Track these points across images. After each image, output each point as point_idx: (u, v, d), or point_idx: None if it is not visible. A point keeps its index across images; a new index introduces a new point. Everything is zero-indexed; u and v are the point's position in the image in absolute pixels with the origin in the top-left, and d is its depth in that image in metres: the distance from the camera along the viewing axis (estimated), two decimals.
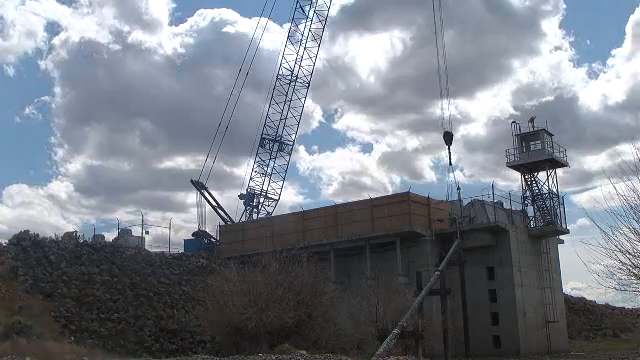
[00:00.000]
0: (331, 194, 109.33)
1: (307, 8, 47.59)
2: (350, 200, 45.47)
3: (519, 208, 38.92)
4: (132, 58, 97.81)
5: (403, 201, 36.50)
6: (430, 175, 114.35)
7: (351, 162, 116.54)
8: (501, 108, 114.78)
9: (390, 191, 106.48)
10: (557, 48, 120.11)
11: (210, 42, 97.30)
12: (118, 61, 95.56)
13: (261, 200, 48.23)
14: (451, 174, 40.07)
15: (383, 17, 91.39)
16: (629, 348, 35.52)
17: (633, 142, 18.03)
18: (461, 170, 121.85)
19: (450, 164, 39.98)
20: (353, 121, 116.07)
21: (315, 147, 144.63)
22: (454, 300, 32.51)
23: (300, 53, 47.64)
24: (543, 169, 38.26)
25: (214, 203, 48.24)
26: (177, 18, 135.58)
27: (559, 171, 39.83)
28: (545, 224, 37.60)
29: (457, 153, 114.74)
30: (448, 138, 40.42)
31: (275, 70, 47.97)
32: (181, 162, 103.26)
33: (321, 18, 47.81)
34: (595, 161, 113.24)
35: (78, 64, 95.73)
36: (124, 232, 42.85)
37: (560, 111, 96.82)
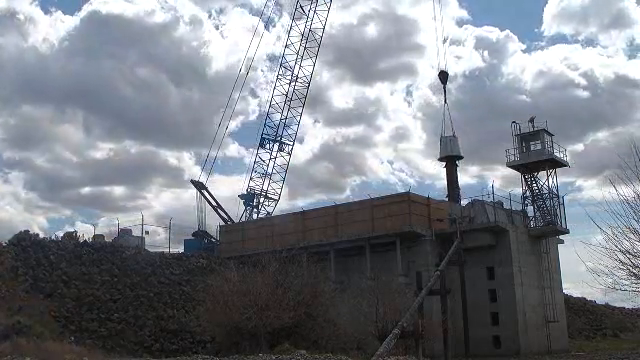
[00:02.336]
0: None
1: (307, 8, 47.66)
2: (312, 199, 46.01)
3: (519, 208, 38.92)
4: (15, 39, 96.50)
5: (403, 201, 36.50)
6: (375, 169, 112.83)
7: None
8: (424, 96, 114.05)
9: (347, 189, 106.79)
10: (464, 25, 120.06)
11: (101, 24, 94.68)
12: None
13: (261, 200, 48.25)
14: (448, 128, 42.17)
15: None
16: (629, 348, 35.47)
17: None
18: (390, 164, 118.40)
19: (445, 102, 43.30)
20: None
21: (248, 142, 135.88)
22: (454, 300, 32.53)
23: (300, 53, 47.70)
24: (543, 169, 38.25)
25: (214, 203, 48.24)
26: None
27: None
28: (545, 224, 37.59)
29: (388, 147, 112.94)
30: (444, 77, 43.90)
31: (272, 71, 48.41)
32: (112, 151, 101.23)
33: (321, 18, 47.86)
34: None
35: None
36: (124, 232, 42.82)
37: (476, 95, 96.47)
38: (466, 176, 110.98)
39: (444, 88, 44.04)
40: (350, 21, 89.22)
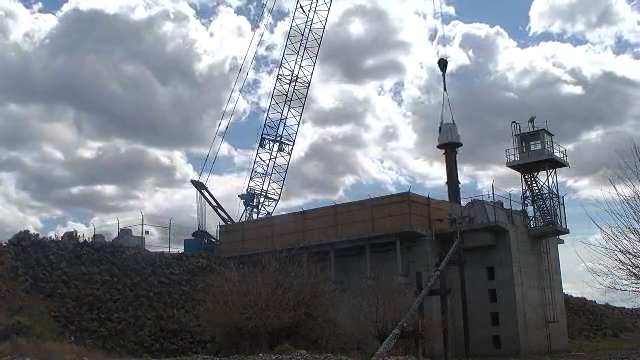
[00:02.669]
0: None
1: (307, 8, 47.70)
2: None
3: (519, 208, 38.93)
4: None
5: (403, 201, 36.50)
6: (367, 168, 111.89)
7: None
8: (413, 95, 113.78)
9: (340, 189, 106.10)
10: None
11: (79, 22, 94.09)
12: None
13: (261, 200, 48.26)
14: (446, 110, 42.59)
15: None
16: (629, 348, 35.46)
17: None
18: (380, 162, 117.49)
19: (445, 89, 43.84)
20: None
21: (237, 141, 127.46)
22: (454, 300, 32.53)
23: (301, 53, 47.74)
24: (543, 169, 38.26)
25: (214, 203, 48.25)
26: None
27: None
28: (545, 224, 37.60)
29: (377, 146, 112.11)
30: (443, 65, 44.51)
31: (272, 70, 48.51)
32: (101, 150, 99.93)
33: (321, 18, 47.88)
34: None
35: None
36: (124, 232, 42.81)
37: (465, 93, 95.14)
38: (459, 175, 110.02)
39: (443, 75, 44.40)
40: (333, 18, 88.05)
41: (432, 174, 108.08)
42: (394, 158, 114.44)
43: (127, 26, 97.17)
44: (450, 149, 42.49)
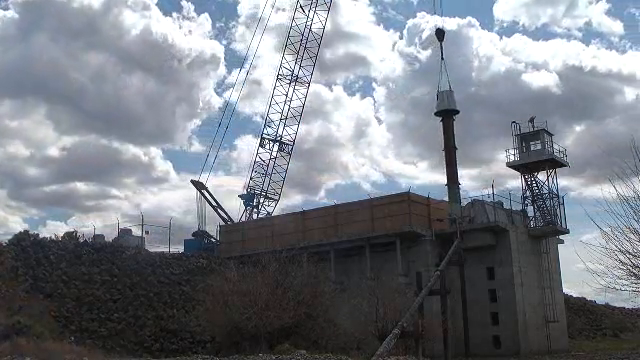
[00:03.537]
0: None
1: (307, 8, 47.69)
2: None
3: (519, 208, 38.94)
4: None
5: (403, 201, 36.51)
6: (345, 167, 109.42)
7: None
8: (384, 94, 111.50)
9: (322, 189, 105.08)
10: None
11: (38, 9, 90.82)
12: None
13: (261, 200, 48.29)
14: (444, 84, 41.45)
15: None
16: (629, 348, 35.47)
17: None
18: (354, 160, 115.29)
19: (442, 58, 42.29)
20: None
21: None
22: (454, 300, 32.54)
23: (301, 53, 47.74)
24: (543, 169, 38.28)
25: (214, 203, 48.29)
26: None
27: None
28: (545, 224, 37.61)
29: (350, 145, 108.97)
30: (440, 35, 43.44)
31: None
32: (73, 147, 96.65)
33: (321, 18, 47.91)
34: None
35: None
36: (124, 232, 42.84)
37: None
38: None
39: (441, 45, 43.20)
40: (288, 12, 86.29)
41: (407, 172, 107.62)
42: (366, 157, 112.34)
43: (91, 17, 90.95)
44: (447, 116, 41.97)
